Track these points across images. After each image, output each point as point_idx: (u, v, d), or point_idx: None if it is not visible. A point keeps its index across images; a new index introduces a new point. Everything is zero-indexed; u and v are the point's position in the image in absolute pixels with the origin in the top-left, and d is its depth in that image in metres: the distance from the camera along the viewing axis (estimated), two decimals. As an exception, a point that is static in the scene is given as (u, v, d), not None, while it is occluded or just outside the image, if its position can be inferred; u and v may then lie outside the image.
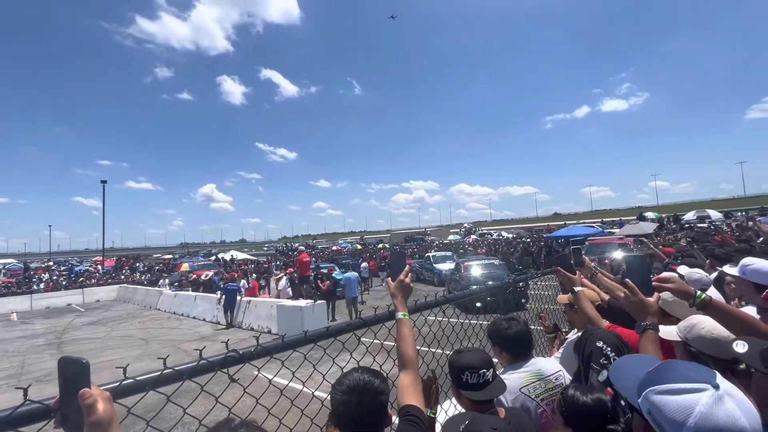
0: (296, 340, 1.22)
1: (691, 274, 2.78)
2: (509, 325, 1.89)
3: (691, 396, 0.75)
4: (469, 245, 31.04)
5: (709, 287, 2.73)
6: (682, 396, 0.76)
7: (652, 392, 0.80)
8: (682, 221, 22.91)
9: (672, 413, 0.75)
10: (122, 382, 0.87)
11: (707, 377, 0.77)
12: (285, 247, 55.54)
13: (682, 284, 1.49)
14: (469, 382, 1.45)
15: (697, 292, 1.44)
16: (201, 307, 14.54)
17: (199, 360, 0.99)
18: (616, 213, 59.79)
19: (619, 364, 1.08)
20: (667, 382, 0.79)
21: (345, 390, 1.04)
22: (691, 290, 1.45)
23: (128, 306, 20.51)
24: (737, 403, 0.73)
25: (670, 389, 0.78)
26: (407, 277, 1.61)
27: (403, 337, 1.43)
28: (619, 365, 1.06)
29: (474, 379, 1.44)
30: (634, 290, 1.47)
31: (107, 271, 34.26)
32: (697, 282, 2.69)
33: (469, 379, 1.44)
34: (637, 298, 1.45)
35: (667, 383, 0.79)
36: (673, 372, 0.82)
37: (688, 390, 0.76)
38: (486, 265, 14.33)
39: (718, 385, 0.75)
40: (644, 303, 1.44)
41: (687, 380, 0.78)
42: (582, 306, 2.19)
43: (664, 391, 0.78)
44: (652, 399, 0.80)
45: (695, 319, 1.44)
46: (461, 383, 1.47)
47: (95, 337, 12.26)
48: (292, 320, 9.95)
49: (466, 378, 1.45)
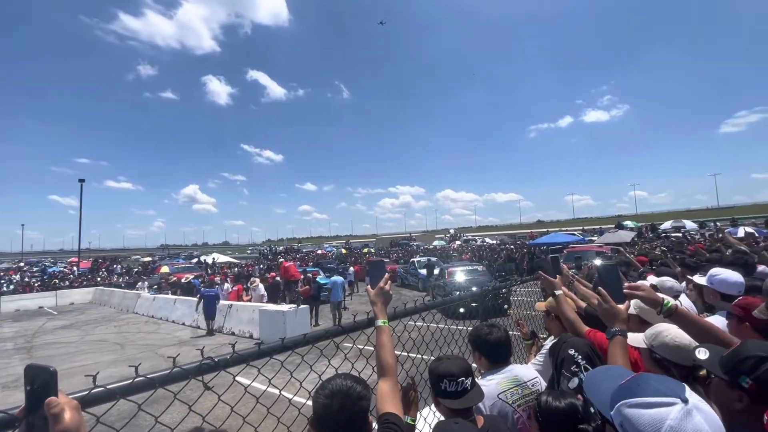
0: (273, 347, 1.21)
1: (663, 282, 2.88)
2: (490, 331, 1.92)
3: (661, 410, 0.78)
4: (453, 251, 31.25)
5: (681, 294, 2.84)
6: (652, 410, 0.79)
7: (624, 405, 0.83)
8: (658, 230, 23.66)
9: (643, 427, 0.78)
10: (91, 391, 0.85)
11: (677, 391, 0.81)
12: (269, 250, 54.86)
13: (651, 292, 1.55)
14: (447, 390, 1.46)
15: (665, 300, 1.51)
16: (180, 311, 14.18)
17: (173, 367, 0.98)
18: (597, 221, 61.27)
19: (592, 375, 1.11)
20: (638, 396, 0.83)
21: (327, 394, 1.05)
22: (659, 298, 1.51)
23: (104, 309, 19.85)
24: (704, 416, 0.77)
25: (641, 403, 0.81)
26: (387, 284, 1.62)
27: (383, 344, 1.44)
28: (592, 377, 1.09)
29: (452, 387, 1.45)
30: (606, 297, 1.53)
31: (83, 273, 33.10)
32: (670, 290, 2.79)
33: (448, 387, 1.46)
34: (608, 305, 1.52)
35: (639, 397, 0.82)
36: (644, 385, 0.85)
37: (659, 404, 0.79)
38: (470, 271, 14.47)
39: (687, 399, 0.79)
40: (614, 310, 1.50)
41: (657, 394, 0.81)
42: (563, 310, 2.23)
43: (636, 404, 0.82)
44: (624, 412, 0.83)
45: (660, 326, 1.50)
46: (440, 391, 1.48)
47: (68, 342, 11.81)
48: (274, 325, 9.80)
49: (444, 386, 1.46)
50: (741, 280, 2.72)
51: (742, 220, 26.75)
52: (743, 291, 2.67)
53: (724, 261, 4.29)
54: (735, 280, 2.69)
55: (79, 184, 32.70)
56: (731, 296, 2.59)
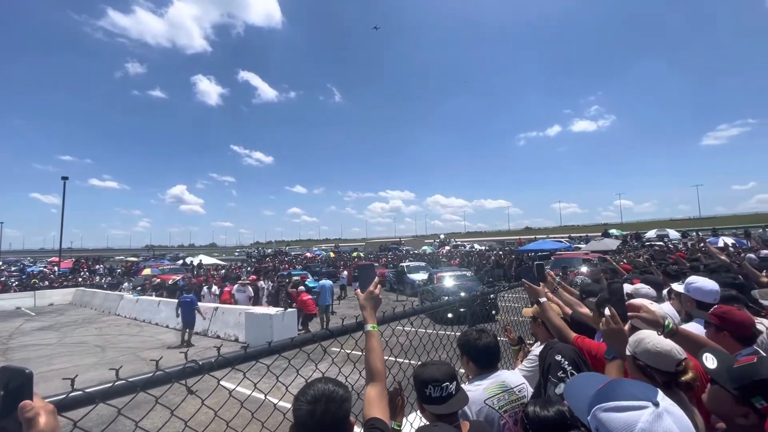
0: (259, 350, 1.20)
1: (638, 290, 2.94)
2: (479, 336, 1.93)
3: (633, 413, 0.81)
4: (442, 256, 31.39)
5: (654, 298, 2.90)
6: (625, 413, 0.81)
7: (599, 410, 0.86)
8: (643, 239, 24.16)
9: (616, 430, 0.81)
10: (69, 394, 0.82)
11: (649, 395, 0.84)
12: (257, 252, 54.25)
13: (653, 313, 1.55)
14: (432, 396, 1.45)
15: (666, 321, 1.51)
16: (164, 313, 13.88)
17: (155, 371, 0.96)
18: (583, 229, 62.25)
19: (572, 382, 1.13)
20: (613, 400, 0.85)
21: (310, 400, 1.03)
22: (660, 320, 1.51)
23: (85, 310, 19.32)
24: (675, 420, 0.80)
25: (615, 407, 0.84)
26: (377, 288, 1.62)
27: (372, 349, 1.43)
28: (572, 384, 1.11)
29: (437, 393, 1.45)
30: (615, 318, 1.48)
31: (63, 273, 32.19)
32: (645, 296, 2.86)
33: (432, 393, 1.45)
34: (617, 326, 1.47)
35: (613, 401, 0.85)
36: (619, 390, 0.88)
37: (631, 407, 0.82)
38: (458, 277, 14.54)
39: (659, 403, 0.81)
40: (623, 333, 1.46)
41: (631, 398, 0.84)
42: (548, 317, 2.26)
43: (610, 408, 0.84)
44: (599, 416, 0.85)
45: (642, 334, 1.52)
46: (424, 396, 1.48)
47: (46, 344, 11.45)
48: (260, 328, 9.67)
49: (429, 391, 1.46)
50: (716, 288, 2.79)
51: (723, 231, 27.53)
52: (718, 299, 2.73)
53: (705, 270, 4.40)
54: (710, 288, 2.76)
55: (62, 182, 31.98)
56: (707, 304, 2.65)
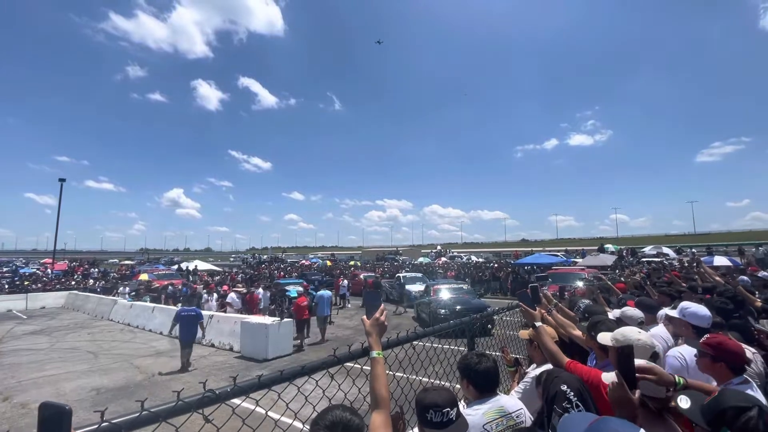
0: (272, 378, 1.25)
1: (624, 312, 3.00)
2: (479, 360, 1.97)
3: None
4: (439, 267, 31.42)
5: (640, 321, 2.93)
6: None
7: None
8: (638, 255, 24.33)
9: None
10: (100, 426, 0.87)
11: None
12: (253, 258, 54.02)
13: (663, 374, 1.46)
14: (433, 420, 1.49)
15: (677, 378, 1.46)
16: (159, 320, 13.80)
17: (177, 401, 1.01)
18: (579, 242, 62.61)
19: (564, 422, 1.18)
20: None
21: (329, 425, 1.09)
22: (671, 379, 1.44)
23: (77, 315, 19.13)
24: None
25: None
26: (383, 315, 1.67)
27: (377, 376, 1.48)
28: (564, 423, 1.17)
29: (438, 418, 1.49)
30: (624, 387, 1.33)
31: (56, 275, 31.90)
32: (631, 318, 2.90)
33: (433, 418, 1.49)
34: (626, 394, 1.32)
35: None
36: (604, 427, 0.95)
37: None
38: (455, 289, 14.58)
39: None
40: (631, 401, 1.30)
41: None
42: (543, 341, 2.31)
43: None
44: None
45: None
46: (425, 421, 1.52)
47: (38, 348, 11.33)
48: (256, 338, 9.63)
49: (430, 416, 1.50)
50: (709, 313, 2.88)
51: (717, 247, 27.78)
52: (711, 324, 2.81)
53: (699, 294, 4.48)
54: (704, 313, 2.85)
55: (59, 183, 31.88)
56: (702, 329, 2.73)
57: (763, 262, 15.02)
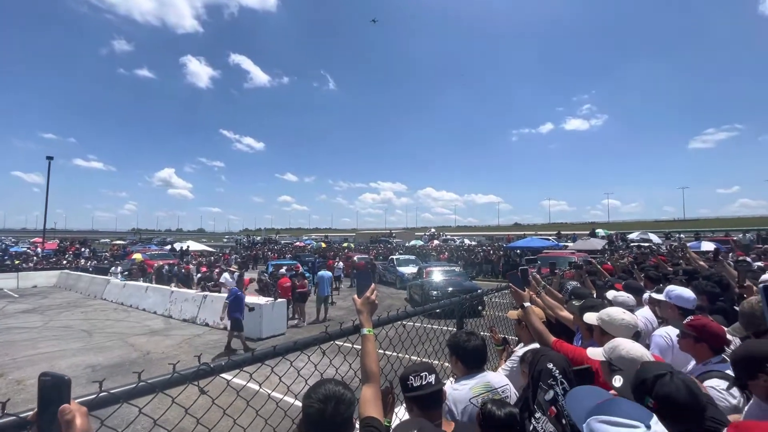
0: (265, 353, 1.29)
1: (616, 298, 3.09)
2: (468, 338, 2.06)
3: (624, 430, 0.89)
4: (432, 250, 31.68)
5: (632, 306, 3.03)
6: (617, 428, 0.90)
7: (594, 420, 0.94)
8: (628, 240, 24.75)
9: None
10: (98, 395, 0.91)
11: (644, 417, 0.91)
12: (247, 239, 53.97)
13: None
14: (413, 385, 1.58)
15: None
16: (152, 299, 13.85)
17: (173, 373, 1.04)
18: (571, 227, 63.30)
19: (574, 392, 1.22)
20: (609, 414, 0.93)
21: (321, 398, 1.13)
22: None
23: (70, 294, 19.10)
24: None
25: (609, 420, 0.92)
26: (373, 294, 1.71)
27: (368, 352, 1.53)
28: (575, 393, 1.20)
29: (417, 381, 1.58)
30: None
31: (47, 255, 31.63)
32: (622, 304, 2.99)
33: (413, 383, 1.58)
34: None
35: (609, 415, 0.93)
36: (616, 407, 0.96)
37: (624, 424, 0.90)
38: (447, 272, 14.78)
39: (651, 426, 0.89)
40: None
41: (626, 416, 0.92)
42: (530, 321, 2.40)
43: (604, 421, 0.92)
44: (592, 426, 0.94)
45: (617, 341, 1.65)
46: (407, 388, 1.60)
47: (31, 327, 11.36)
48: (250, 318, 9.73)
49: (410, 382, 1.58)
50: (694, 296, 2.98)
51: (705, 233, 28.31)
52: (696, 306, 2.92)
53: (679, 277, 4.60)
54: (689, 296, 2.94)
55: (47, 161, 31.19)
56: (687, 310, 2.83)
57: (748, 248, 15.36)
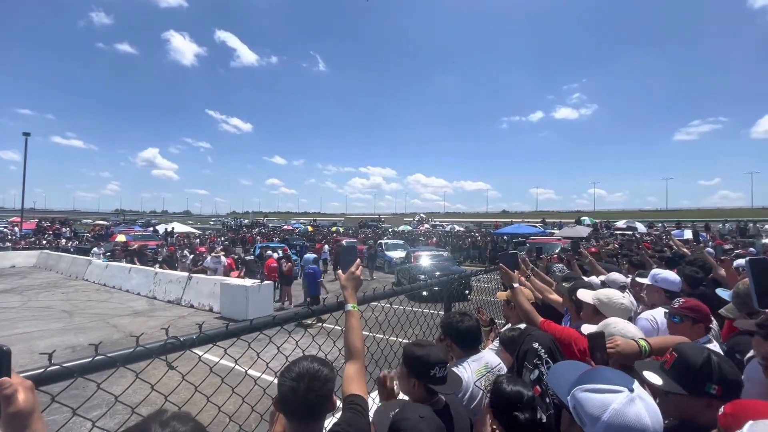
0: (241, 328, 1.20)
1: (609, 276, 3.15)
2: (462, 319, 2.01)
3: (608, 396, 0.89)
4: (420, 235, 31.80)
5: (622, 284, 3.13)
6: (601, 395, 0.90)
7: (579, 390, 0.95)
8: (612, 228, 25.26)
9: (591, 408, 0.90)
10: (47, 369, 0.81)
11: (626, 382, 0.93)
12: (234, 222, 53.31)
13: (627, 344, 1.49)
14: (437, 376, 1.48)
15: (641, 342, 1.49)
16: (136, 281, 13.59)
17: (136, 346, 0.95)
18: (558, 215, 64.29)
19: (556, 367, 1.22)
20: (592, 383, 0.94)
21: (294, 377, 1.06)
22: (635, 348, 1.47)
23: (50, 274, 18.61)
24: (645, 405, 0.89)
25: (593, 388, 0.93)
26: (358, 269, 1.64)
27: (351, 328, 1.46)
28: (556, 368, 1.21)
29: (441, 373, 1.49)
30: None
31: (25, 234, 30.66)
32: (614, 282, 3.09)
33: (437, 373, 1.48)
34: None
35: (592, 384, 0.94)
36: (599, 375, 0.98)
37: (607, 390, 0.91)
38: (435, 256, 14.84)
39: (633, 389, 0.90)
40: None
41: (608, 382, 0.93)
42: (519, 301, 2.39)
43: (588, 389, 0.93)
44: (577, 396, 0.94)
45: (612, 319, 1.64)
46: (430, 377, 1.49)
47: (9, 307, 11.04)
48: (236, 300, 9.64)
49: (434, 372, 1.48)
50: (679, 278, 3.01)
51: (686, 223, 29.06)
52: (680, 289, 2.96)
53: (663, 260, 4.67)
54: (675, 278, 2.96)
55: (24, 138, 29.90)
56: (674, 293, 2.86)
57: (724, 238, 15.82)
